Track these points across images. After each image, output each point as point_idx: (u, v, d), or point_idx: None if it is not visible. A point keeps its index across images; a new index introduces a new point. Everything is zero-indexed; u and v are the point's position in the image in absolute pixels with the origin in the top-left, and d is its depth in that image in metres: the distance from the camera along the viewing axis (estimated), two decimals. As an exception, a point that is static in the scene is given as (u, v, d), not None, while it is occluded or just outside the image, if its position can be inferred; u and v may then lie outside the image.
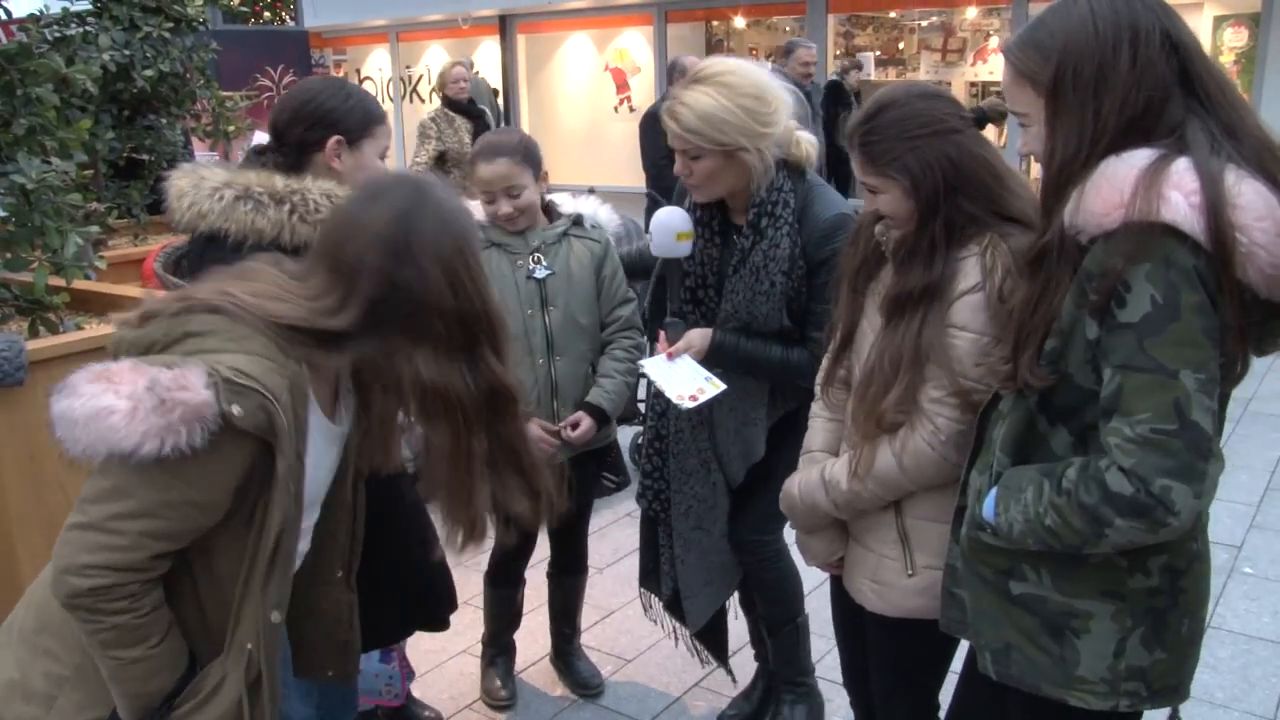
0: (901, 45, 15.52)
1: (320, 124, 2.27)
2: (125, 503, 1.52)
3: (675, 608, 3.11)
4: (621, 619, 3.94)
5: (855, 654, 2.44)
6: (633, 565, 4.34)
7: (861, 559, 2.24)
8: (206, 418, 1.47)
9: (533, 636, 3.56)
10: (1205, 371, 1.47)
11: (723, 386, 2.59)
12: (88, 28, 4.70)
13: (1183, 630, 1.69)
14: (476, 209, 3.05)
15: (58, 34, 4.58)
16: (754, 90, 2.51)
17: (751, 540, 2.86)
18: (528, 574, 3.40)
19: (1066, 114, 1.58)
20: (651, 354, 2.74)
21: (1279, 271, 1.45)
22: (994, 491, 1.73)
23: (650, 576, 3.17)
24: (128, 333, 1.62)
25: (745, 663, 3.42)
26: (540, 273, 2.97)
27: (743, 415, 2.75)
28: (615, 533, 4.69)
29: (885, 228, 2.13)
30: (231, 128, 5.82)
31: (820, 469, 2.25)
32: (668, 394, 2.60)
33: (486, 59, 19.01)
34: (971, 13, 14.55)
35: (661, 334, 2.74)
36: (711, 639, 3.18)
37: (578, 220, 3.06)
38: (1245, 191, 1.45)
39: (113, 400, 1.45)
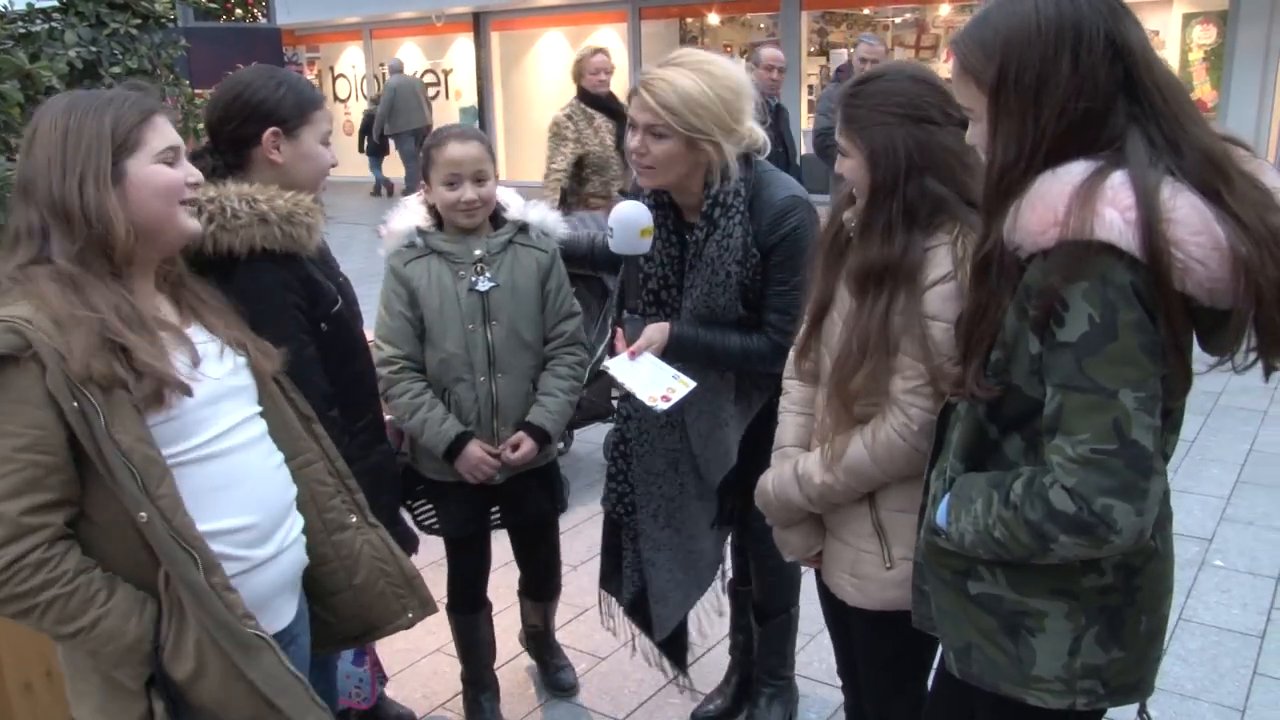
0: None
1: (253, 117, 2.19)
2: None
3: (635, 612, 3.07)
4: (595, 616, 3.89)
5: (846, 647, 2.45)
6: (607, 563, 4.36)
7: (839, 554, 2.25)
8: None
9: (507, 634, 3.54)
10: (1145, 389, 1.47)
11: (693, 384, 2.55)
12: (53, 24, 4.63)
13: (1141, 628, 1.69)
14: (413, 212, 2.91)
15: (22, 30, 4.51)
16: (733, 84, 2.51)
17: (760, 526, 2.84)
18: (494, 570, 3.37)
19: (1007, 117, 1.57)
20: (613, 354, 2.68)
21: (1218, 285, 1.44)
22: (946, 498, 1.73)
23: (610, 580, 3.13)
24: None
25: (719, 659, 3.42)
26: (483, 285, 2.82)
27: (712, 417, 2.73)
28: (589, 530, 4.68)
29: (852, 214, 2.14)
30: (201, 125, 5.75)
31: (793, 464, 2.25)
32: (638, 396, 2.54)
33: (460, 57, 18.97)
34: (945, 9, 14.63)
35: (619, 332, 2.68)
36: (672, 646, 3.13)
37: (523, 228, 2.93)
38: (1181, 205, 1.44)
39: None
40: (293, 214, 2.14)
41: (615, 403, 5.33)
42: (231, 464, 1.81)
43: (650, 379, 2.55)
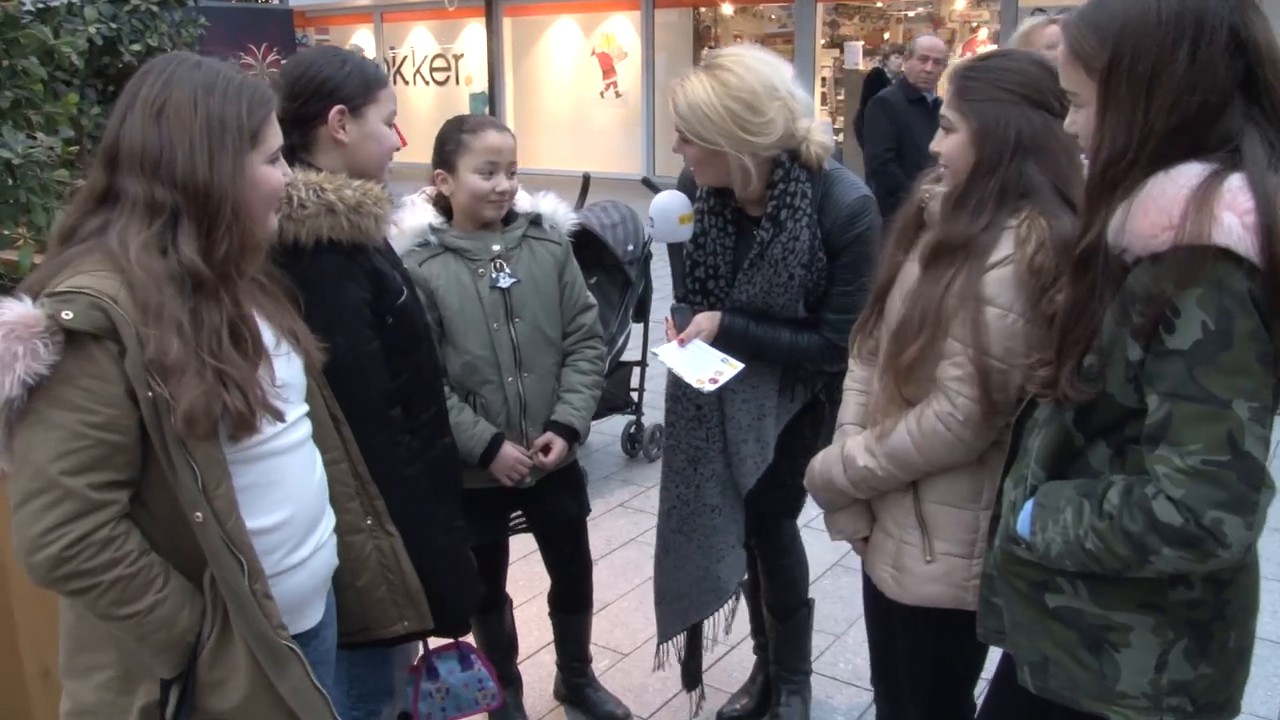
0: (887, 35, 15.51)
1: (318, 95, 2.15)
2: (36, 457, 1.52)
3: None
4: (617, 611, 3.89)
5: (883, 645, 2.39)
6: (627, 556, 4.32)
7: (882, 544, 2.20)
8: (37, 330, 1.48)
9: (528, 628, 3.50)
10: (1259, 400, 1.43)
11: (740, 366, 2.55)
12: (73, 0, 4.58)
13: (1229, 643, 1.64)
14: (422, 209, 2.80)
15: (41, 5, 4.46)
16: (747, 95, 2.40)
17: (773, 527, 2.80)
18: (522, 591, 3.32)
19: (1116, 106, 1.51)
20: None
21: None
22: (1029, 507, 1.68)
23: None
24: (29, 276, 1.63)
25: (743, 658, 3.38)
26: (505, 281, 2.73)
27: (756, 407, 2.70)
28: (608, 523, 4.64)
29: (930, 190, 2.10)
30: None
31: (841, 444, 2.22)
32: (686, 379, 2.56)
33: (472, 42, 18.90)
34: (960, 3, 14.57)
35: (668, 320, 2.69)
36: (686, 660, 3.08)
37: (535, 220, 2.84)
38: None
39: None
40: (361, 204, 2.09)
41: (634, 395, 5.32)
42: (279, 464, 1.78)
43: (699, 363, 2.57)
